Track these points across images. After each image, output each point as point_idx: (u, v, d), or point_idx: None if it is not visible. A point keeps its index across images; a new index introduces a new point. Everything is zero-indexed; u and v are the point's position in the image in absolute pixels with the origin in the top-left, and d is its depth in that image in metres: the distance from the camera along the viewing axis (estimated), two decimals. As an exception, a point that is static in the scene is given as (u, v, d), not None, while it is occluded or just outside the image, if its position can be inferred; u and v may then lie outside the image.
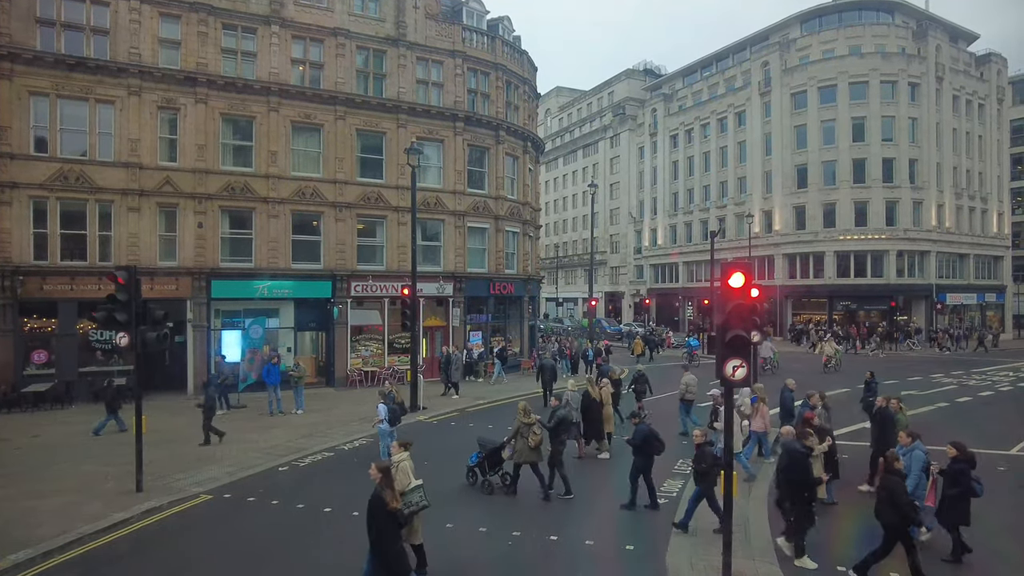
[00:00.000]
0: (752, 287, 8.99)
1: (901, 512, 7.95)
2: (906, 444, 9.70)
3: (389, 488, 7.12)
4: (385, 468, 7.33)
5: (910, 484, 9.10)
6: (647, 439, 10.96)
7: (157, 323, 12.18)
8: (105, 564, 9.02)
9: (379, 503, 7.01)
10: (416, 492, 8.05)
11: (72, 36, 21.47)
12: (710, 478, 9.74)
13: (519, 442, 11.61)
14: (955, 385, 25.40)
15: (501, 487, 12.07)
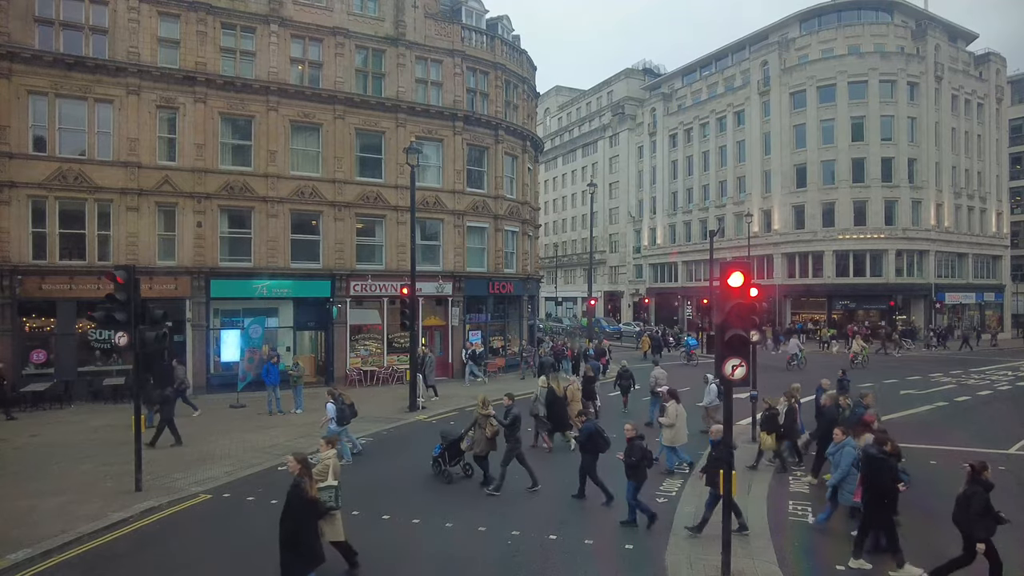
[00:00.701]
0: (751, 286, 9.01)
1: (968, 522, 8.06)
2: (838, 440, 10.10)
3: (308, 478, 7.30)
4: (303, 459, 7.51)
5: (837, 477, 9.84)
6: (591, 436, 11.15)
7: (156, 322, 12.17)
8: (104, 564, 9.01)
9: (297, 492, 7.18)
10: (327, 491, 8.19)
11: (71, 35, 21.44)
12: (640, 472, 9.98)
13: (476, 432, 12.18)
14: (954, 384, 25.43)
15: (461, 476, 12.75)
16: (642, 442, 10.28)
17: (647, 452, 10.10)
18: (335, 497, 8.29)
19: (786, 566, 8.72)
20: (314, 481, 7.54)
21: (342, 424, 13.93)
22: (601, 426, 11.68)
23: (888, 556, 8.53)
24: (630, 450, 10.14)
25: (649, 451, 10.15)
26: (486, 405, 12.38)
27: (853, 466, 9.66)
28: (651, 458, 10.20)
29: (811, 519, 10.45)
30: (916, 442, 15.87)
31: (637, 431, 10.52)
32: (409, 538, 9.85)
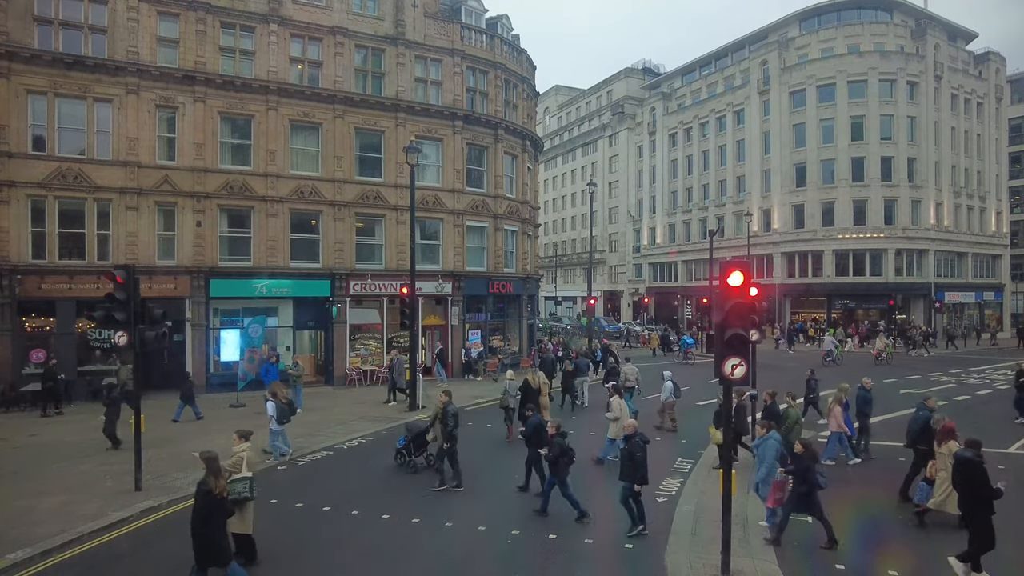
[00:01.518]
0: (751, 286, 9.00)
1: None
2: (761, 434, 10.48)
3: (213, 475, 7.55)
4: (208, 457, 7.75)
5: (762, 472, 10.06)
6: (536, 430, 11.53)
7: (156, 322, 12.16)
8: (104, 563, 9.01)
9: (203, 491, 7.42)
10: (242, 483, 8.45)
11: (70, 34, 21.43)
12: (559, 466, 10.32)
13: (438, 426, 12.69)
14: (953, 384, 25.43)
15: (425, 466, 13.21)
16: (563, 439, 10.60)
17: (567, 448, 10.46)
18: (250, 488, 8.54)
19: (786, 565, 8.72)
20: (223, 477, 7.81)
21: (282, 423, 13.93)
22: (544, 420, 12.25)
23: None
24: (551, 445, 10.54)
25: (570, 448, 10.52)
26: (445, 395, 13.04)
27: (777, 460, 9.90)
28: (571, 455, 10.58)
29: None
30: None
31: (559, 428, 10.85)
32: (409, 537, 9.85)
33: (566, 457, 10.38)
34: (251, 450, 8.96)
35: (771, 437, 10.26)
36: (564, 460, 10.35)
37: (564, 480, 10.39)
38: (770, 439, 10.22)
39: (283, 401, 14.09)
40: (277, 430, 13.87)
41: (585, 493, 11.05)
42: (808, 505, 9.13)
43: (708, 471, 13.01)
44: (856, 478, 13.08)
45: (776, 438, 10.25)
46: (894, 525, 10.53)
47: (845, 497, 11.35)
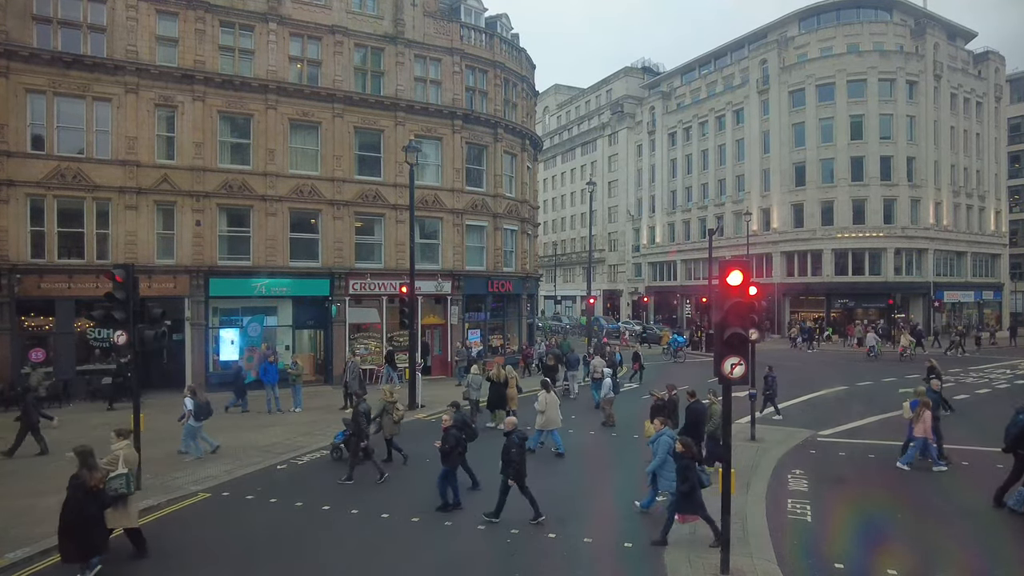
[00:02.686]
0: (750, 285, 9.00)
1: None
2: (657, 429, 10.77)
3: (86, 467, 7.77)
4: (82, 452, 8.01)
5: (655, 465, 10.36)
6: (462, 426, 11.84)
7: (155, 321, 12.13)
8: (103, 562, 8.99)
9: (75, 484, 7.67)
10: (119, 479, 8.58)
11: (69, 33, 21.39)
12: (451, 459, 10.77)
13: (385, 419, 13.39)
14: (952, 383, 25.43)
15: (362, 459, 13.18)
16: (457, 432, 10.98)
17: (460, 440, 10.92)
18: (127, 484, 8.67)
19: (785, 564, 8.72)
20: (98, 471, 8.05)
21: (199, 420, 13.92)
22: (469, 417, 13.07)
23: (884, 559, 8.53)
24: (444, 438, 10.91)
25: (463, 439, 11.01)
26: (391, 394, 13.89)
27: (669, 454, 10.09)
28: (464, 447, 11.09)
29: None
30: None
31: (453, 422, 11.25)
32: (409, 537, 9.86)
33: (459, 448, 10.87)
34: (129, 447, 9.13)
35: (664, 433, 10.56)
36: (457, 451, 10.85)
37: (454, 471, 10.86)
38: (663, 435, 10.48)
39: (202, 400, 14.17)
40: (195, 426, 13.84)
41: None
42: (691, 504, 9.14)
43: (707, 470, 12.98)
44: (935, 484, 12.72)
45: (669, 434, 10.54)
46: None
47: (931, 506, 11.36)
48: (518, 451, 10.14)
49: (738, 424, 15.48)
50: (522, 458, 10.22)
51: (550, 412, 14.67)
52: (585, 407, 20.79)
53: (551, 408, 14.66)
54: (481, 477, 11.95)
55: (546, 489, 11.17)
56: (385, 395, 13.80)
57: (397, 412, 13.67)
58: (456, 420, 11.78)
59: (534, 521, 10.16)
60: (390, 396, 13.78)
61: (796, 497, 11.66)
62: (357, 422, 12.67)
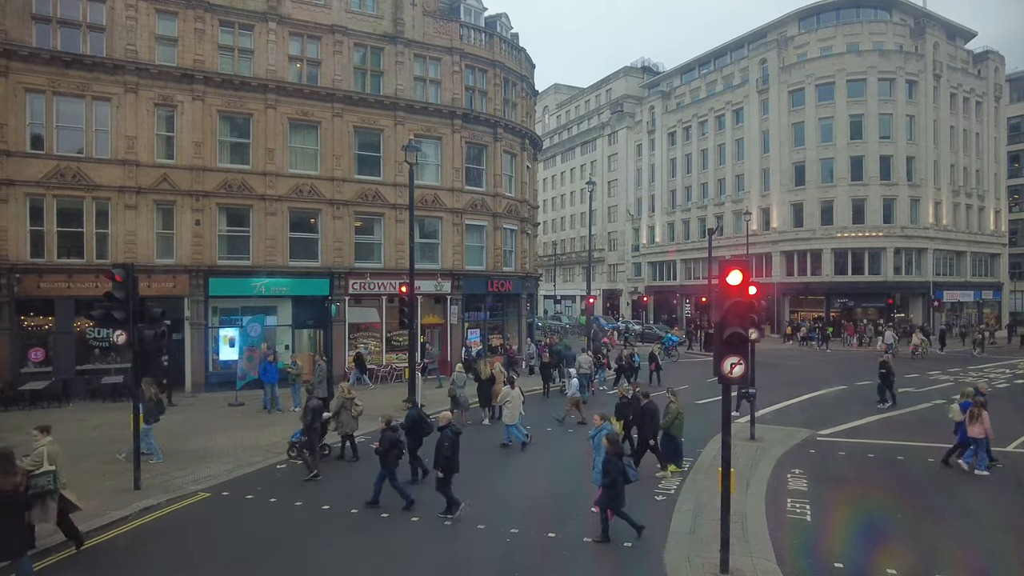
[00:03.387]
0: (750, 284, 9.01)
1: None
2: (597, 424, 11.01)
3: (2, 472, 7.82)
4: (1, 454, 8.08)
5: (599, 460, 10.19)
6: (415, 422, 12.36)
7: (154, 321, 12.14)
8: (103, 562, 9.01)
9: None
10: (44, 476, 8.66)
11: (68, 33, 21.38)
12: (388, 459, 10.87)
13: (344, 415, 13.58)
14: (951, 382, 25.45)
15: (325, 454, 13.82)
16: (393, 433, 11.08)
17: (396, 441, 11.04)
18: (53, 481, 8.71)
19: (784, 563, 8.73)
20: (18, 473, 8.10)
21: (150, 422, 13.73)
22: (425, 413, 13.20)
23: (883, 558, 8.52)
24: (382, 439, 11.00)
25: (400, 441, 11.16)
26: (348, 391, 14.24)
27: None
28: (401, 448, 11.24)
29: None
30: (914, 440, 15.94)
31: (388, 422, 11.29)
32: (409, 536, 9.86)
33: (395, 450, 10.98)
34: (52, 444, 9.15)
35: (604, 428, 10.79)
36: (394, 452, 10.95)
37: (393, 471, 10.95)
38: (604, 430, 10.65)
39: (152, 399, 13.94)
40: (144, 428, 13.43)
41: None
42: (612, 498, 9.38)
43: (707, 470, 13.01)
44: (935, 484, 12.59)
45: (609, 429, 10.78)
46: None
47: (931, 505, 11.30)
48: (450, 445, 10.39)
49: (737, 424, 15.52)
50: (454, 453, 10.47)
51: (512, 406, 15.49)
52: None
53: (514, 402, 15.50)
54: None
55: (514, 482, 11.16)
56: (343, 392, 14.06)
57: (356, 408, 13.83)
58: (408, 420, 12.14)
59: (442, 515, 10.41)
60: (348, 393, 14.05)
61: (796, 496, 11.66)
62: (305, 418, 13.01)
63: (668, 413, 13.30)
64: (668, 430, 13.22)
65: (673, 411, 13.29)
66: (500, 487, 12.56)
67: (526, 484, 12.72)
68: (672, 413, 13.27)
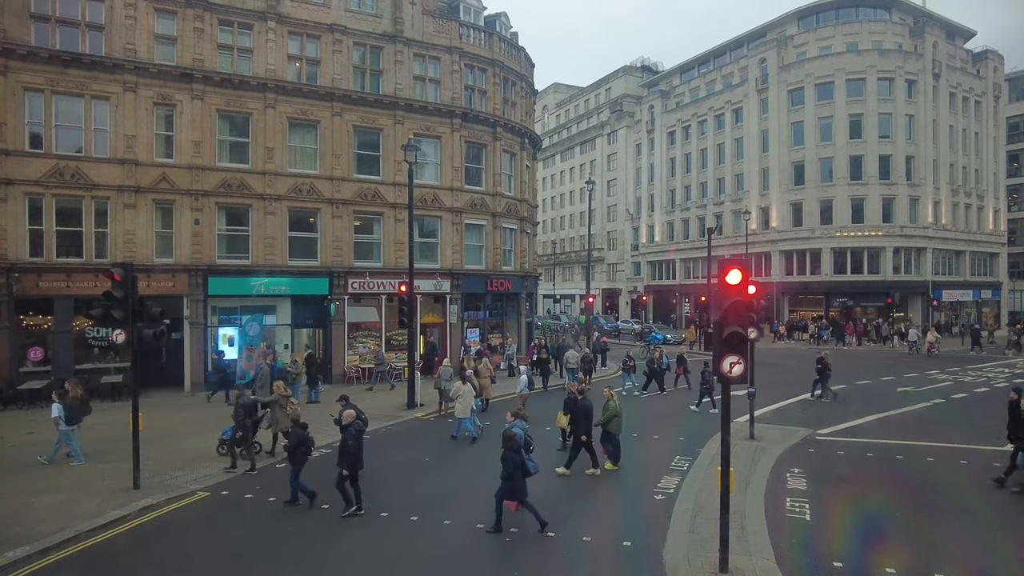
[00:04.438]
0: (749, 284, 9.01)
1: None
2: (509, 421, 11.12)
3: None
4: None
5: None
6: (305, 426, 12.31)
7: (154, 320, 12.14)
8: (102, 561, 9.01)
9: None
10: None
11: (67, 32, 21.35)
12: (296, 457, 11.04)
13: (278, 412, 13.72)
14: (950, 381, 25.48)
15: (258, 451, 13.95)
16: (303, 431, 11.24)
17: (305, 439, 11.18)
18: None
19: (784, 563, 8.74)
20: None
21: (72, 423, 13.63)
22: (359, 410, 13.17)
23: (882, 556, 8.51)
24: (290, 437, 11.23)
25: (309, 438, 11.30)
26: (284, 388, 14.41)
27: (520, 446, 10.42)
28: (310, 446, 11.36)
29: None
30: (913, 439, 15.95)
31: (297, 419, 11.69)
32: (408, 535, 9.86)
33: (303, 447, 11.12)
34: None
35: (516, 425, 10.95)
36: (301, 450, 11.09)
37: (298, 469, 11.08)
38: (514, 427, 10.85)
39: (74, 400, 13.84)
40: (66, 430, 13.43)
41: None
42: (511, 491, 9.68)
43: (706, 469, 13.02)
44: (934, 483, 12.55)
45: (520, 426, 10.99)
46: None
47: (930, 504, 11.31)
48: (354, 443, 10.59)
49: (737, 423, 15.52)
50: (358, 450, 10.66)
51: (464, 400, 16.11)
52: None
53: (466, 397, 16.15)
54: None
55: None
56: (279, 389, 14.22)
57: (291, 406, 13.91)
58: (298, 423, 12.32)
59: (344, 514, 10.52)
60: (283, 391, 14.22)
61: (795, 496, 11.68)
62: (237, 415, 13.32)
63: (606, 411, 13.29)
64: (606, 427, 13.25)
65: (612, 408, 13.29)
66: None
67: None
68: (610, 411, 13.27)
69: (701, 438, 15.45)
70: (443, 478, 12.95)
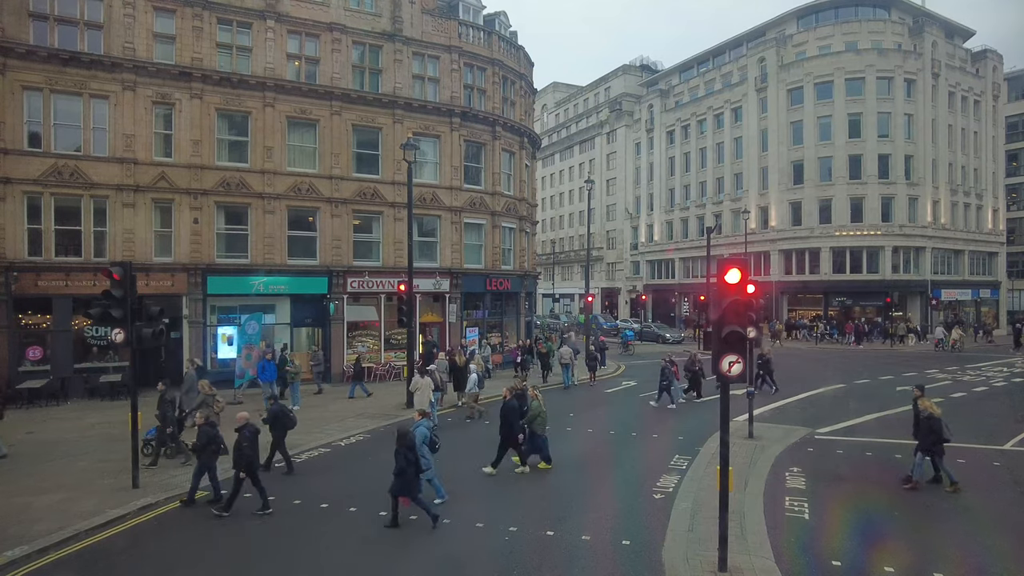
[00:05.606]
0: (748, 283, 9.01)
1: None
2: (417, 419, 11.26)
3: None
4: None
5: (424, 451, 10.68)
6: (277, 416, 13.02)
7: (152, 319, 12.13)
8: (101, 561, 9.01)
9: None
10: None
11: (66, 30, 21.33)
12: (206, 454, 11.07)
13: (207, 410, 13.43)
14: (949, 381, 25.49)
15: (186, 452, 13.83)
16: (212, 429, 11.24)
17: (214, 437, 11.15)
18: None
19: (783, 562, 8.74)
20: None
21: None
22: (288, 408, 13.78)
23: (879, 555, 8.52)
24: (199, 434, 11.16)
25: (218, 436, 11.24)
26: (210, 387, 14.43)
27: (424, 444, 10.75)
28: (219, 443, 11.30)
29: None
30: (912, 438, 15.92)
31: (207, 418, 11.71)
32: (407, 534, 9.86)
33: (213, 445, 11.12)
34: None
35: (421, 424, 11.09)
36: (211, 448, 11.10)
37: (209, 466, 11.16)
38: (420, 426, 11.00)
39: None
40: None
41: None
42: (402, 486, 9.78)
43: (705, 468, 13.03)
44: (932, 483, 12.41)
45: (426, 424, 11.15)
46: None
47: (928, 504, 11.29)
48: (249, 444, 10.63)
49: (736, 422, 15.53)
50: (253, 451, 10.72)
51: (421, 394, 16.59)
52: (581, 398, 20.85)
53: (423, 390, 16.63)
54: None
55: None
56: (205, 389, 14.31)
57: (218, 405, 13.90)
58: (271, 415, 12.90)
59: (260, 512, 10.59)
60: (209, 390, 14.27)
61: (794, 495, 11.68)
62: (162, 410, 13.53)
63: (530, 410, 13.38)
64: (531, 427, 13.31)
65: (536, 408, 13.39)
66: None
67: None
68: (533, 410, 13.38)
69: (700, 437, 15.46)
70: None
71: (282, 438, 13.25)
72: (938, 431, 11.70)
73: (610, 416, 19.23)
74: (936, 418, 11.77)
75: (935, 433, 11.70)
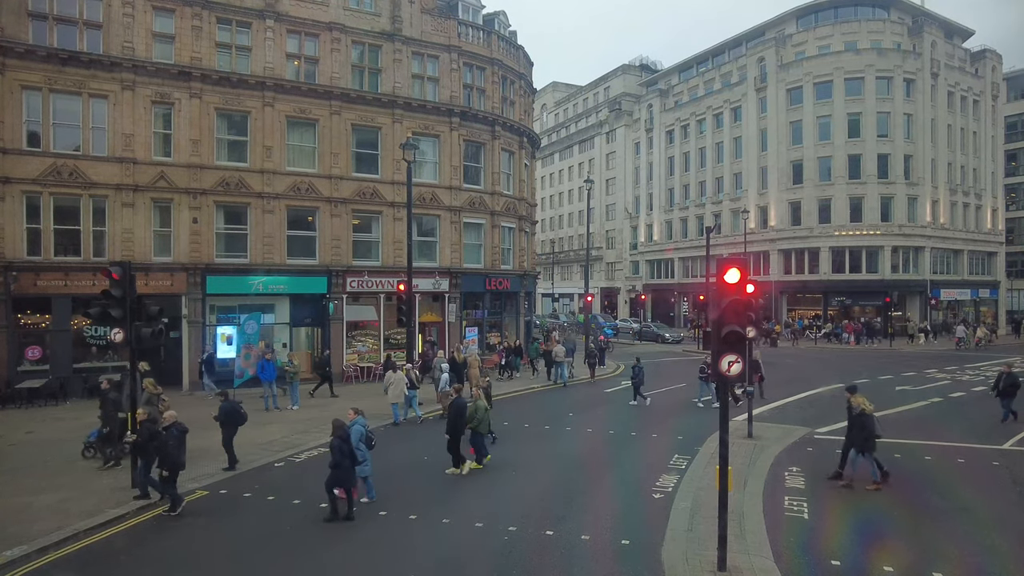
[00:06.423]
0: (747, 283, 9.00)
1: None
2: (351, 418, 11.26)
3: None
4: None
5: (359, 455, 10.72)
6: (229, 413, 13.07)
7: (152, 319, 12.13)
8: (101, 560, 9.00)
9: None
10: None
11: (65, 30, 21.32)
12: (147, 452, 11.07)
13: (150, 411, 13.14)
14: (949, 380, 25.52)
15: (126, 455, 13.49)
16: (153, 425, 11.17)
17: (155, 433, 11.00)
18: None
19: (782, 561, 8.75)
20: None
21: None
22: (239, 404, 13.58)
23: (882, 555, 8.53)
24: (140, 431, 11.18)
25: (159, 432, 10.98)
26: (155, 386, 14.27)
27: (361, 442, 10.80)
28: (159, 440, 11.02)
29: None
30: (911, 438, 15.96)
31: (149, 415, 11.68)
32: (407, 534, 9.86)
33: (155, 442, 10.97)
34: None
35: (356, 423, 11.14)
36: (152, 445, 11.00)
37: (149, 464, 11.12)
38: (355, 424, 11.06)
39: None
40: None
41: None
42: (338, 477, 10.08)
43: (704, 468, 13.04)
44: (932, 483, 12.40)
45: (361, 423, 11.17)
46: None
47: (928, 503, 11.26)
48: (175, 444, 10.65)
49: (735, 422, 15.52)
50: (179, 451, 10.71)
51: (395, 388, 17.29)
52: (580, 397, 20.86)
53: (396, 385, 17.29)
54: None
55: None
56: (150, 388, 14.12)
57: (163, 404, 13.57)
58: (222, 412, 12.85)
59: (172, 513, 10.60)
60: (154, 389, 14.16)
61: (793, 494, 11.68)
62: (104, 411, 13.49)
63: (476, 410, 13.36)
64: (475, 427, 13.29)
65: (479, 408, 13.41)
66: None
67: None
68: (481, 409, 13.41)
69: (699, 436, 15.46)
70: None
71: (232, 435, 13.28)
72: (870, 427, 11.79)
73: (609, 415, 19.23)
74: (868, 415, 11.87)
75: (867, 429, 11.77)
